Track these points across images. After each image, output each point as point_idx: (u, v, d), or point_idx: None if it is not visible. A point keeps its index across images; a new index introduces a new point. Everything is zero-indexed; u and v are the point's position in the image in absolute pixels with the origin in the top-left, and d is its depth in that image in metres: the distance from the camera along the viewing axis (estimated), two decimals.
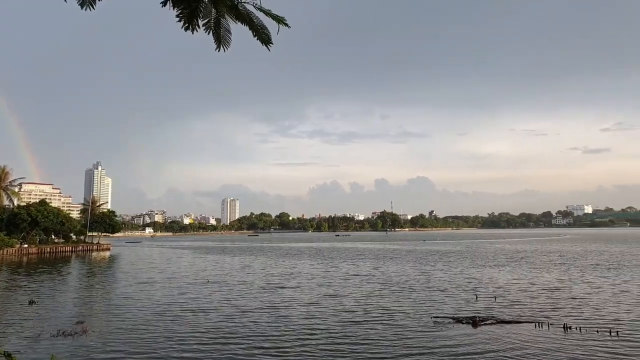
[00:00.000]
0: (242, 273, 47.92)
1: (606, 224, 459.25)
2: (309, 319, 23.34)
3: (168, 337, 19.94)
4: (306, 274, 45.50)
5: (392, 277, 42.20)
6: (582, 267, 50.27)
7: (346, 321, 22.53)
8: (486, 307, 26.11)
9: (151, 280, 41.68)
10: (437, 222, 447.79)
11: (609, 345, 17.84)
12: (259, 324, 22.42)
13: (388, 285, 36.26)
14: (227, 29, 9.39)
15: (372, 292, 32.38)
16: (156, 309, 26.89)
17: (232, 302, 29.08)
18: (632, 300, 27.80)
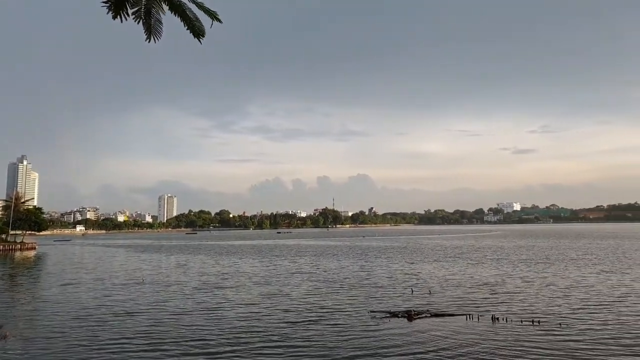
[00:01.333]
0: (178, 272, 46.57)
1: (532, 220, 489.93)
2: (247, 320, 22.66)
3: (91, 343, 18.59)
4: (246, 272, 44.86)
5: (332, 273, 42.62)
6: (512, 261, 53.17)
7: (285, 321, 22.21)
8: (421, 301, 26.93)
9: (78, 282, 39.41)
10: (377, 219, 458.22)
11: (530, 334, 18.93)
12: (193, 327, 21.42)
13: (328, 282, 36.55)
14: (159, 19, 8.99)
15: (312, 289, 32.43)
16: (82, 312, 25.26)
17: (165, 303, 27.78)
18: (556, 292, 29.64)
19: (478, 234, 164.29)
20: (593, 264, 46.89)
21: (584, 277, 36.24)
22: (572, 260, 51.66)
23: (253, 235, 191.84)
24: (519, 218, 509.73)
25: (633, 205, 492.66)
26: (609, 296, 27.31)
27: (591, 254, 61.52)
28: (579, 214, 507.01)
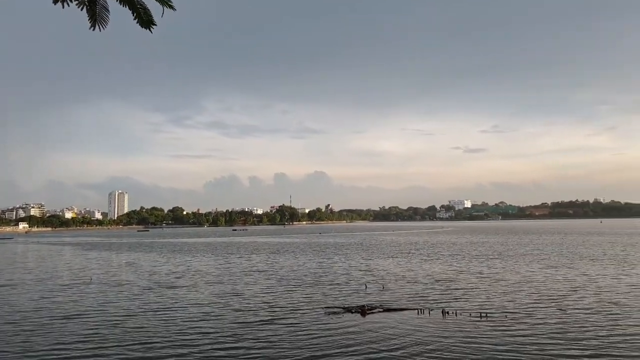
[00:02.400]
0: (128, 271, 45.13)
1: (482, 217, 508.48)
2: (199, 321, 21.87)
3: (25, 350, 17.34)
4: (199, 271, 43.92)
5: (287, 271, 42.53)
6: (464, 257, 54.83)
7: (239, 321, 21.73)
8: (375, 297, 27.35)
9: (16, 282, 37.23)
10: (333, 216, 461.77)
11: (477, 327, 19.60)
12: (140, 329, 20.34)
13: (283, 280, 36.41)
14: (105, 6, 8.60)
15: (267, 288, 32.15)
16: (17, 316, 23.57)
17: (112, 305, 26.45)
18: (505, 287, 30.73)
19: (431, 230, 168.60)
20: (541, 260, 49.00)
21: (532, 272, 37.70)
22: (521, 256, 53.85)
23: (207, 233, 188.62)
24: (470, 215, 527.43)
25: (574, 203, 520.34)
26: (555, 291, 28.44)
27: (539, 249, 64.37)
28: (525, 211, 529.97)
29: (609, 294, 26.92)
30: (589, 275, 35.43)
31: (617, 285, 29.99)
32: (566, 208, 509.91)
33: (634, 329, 18.74)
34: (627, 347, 16.47)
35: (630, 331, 18.47)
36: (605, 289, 28.72)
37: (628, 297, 25.87)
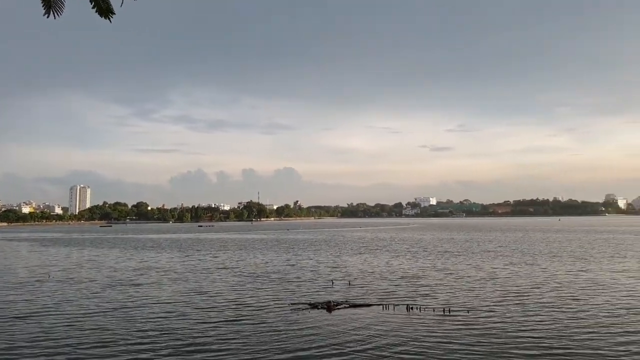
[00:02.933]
0: (88, 268, 43.78)
1: (447, 214, 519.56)
2: (161, 320, 21.03)
3: None
4: (163, 268, 42.98)
5: (254, 268, 42.22)
6: (430, 253, 55.80)
7: (203, 320, 21.12)
8: (341, 292, 27.43)
9: None
10: (302, 212, 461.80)
11: (440, 322, 19.93)
12: (97, 329, 19.36)
13: (250, 277, 36.06)
14: None
15: (233, 285, 31.67)
16: None
17: (68, 304, 25.25)
18: (469, 283, 31.36)
19: (397, 227, 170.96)
20: (504, 256, 50.20)
21: (496, 269, 38.48)
22: (485, 253, 55.15)
23: (172, 229, 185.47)
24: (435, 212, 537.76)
25: (535, 201, 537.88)
26: (517, 287, 29.04)
27: (502, 246, 66.06)
28: (488, 208, 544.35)
29: (568, 289, 27.73)
30: (549, 271, 36.45)
31: (576, 281, 30.95)
32: (527, 206, 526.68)
33: (593, 324, 19.31)
34: (585, 342, 16.98)
35: (589, 326, 19.03)
36: (565, 285, 29.56)
37: (587, 292, 26.71)
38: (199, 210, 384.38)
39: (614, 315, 20.79)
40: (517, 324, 19.37)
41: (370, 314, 21.69)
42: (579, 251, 55.19)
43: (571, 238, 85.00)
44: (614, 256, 48.53)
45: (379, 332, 18.33)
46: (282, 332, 18.61)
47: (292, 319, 20.74)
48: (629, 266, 39.47)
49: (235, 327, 19.64)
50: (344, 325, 19.55)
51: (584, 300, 24.46)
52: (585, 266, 39.58)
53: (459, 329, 18.78)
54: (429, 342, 16.91)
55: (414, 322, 19.87)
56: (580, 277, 33.16)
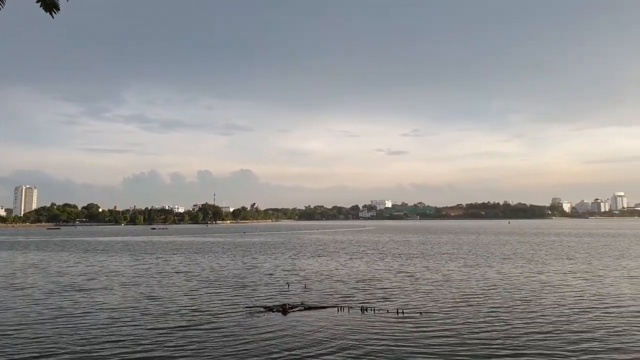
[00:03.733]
0: (33, 273, 41.70)
1: (401, 217, 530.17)
2: (110, 327, 20.05)
3: None
4: (113, 272, 41.48)
5: (209, 272, 41.49)
6: (386, 255, 56.68)
7: (155, 326, 20.43)
8: (298, 295, 27.44)
9: None
10: (259, 215, 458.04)
11: (393, 323, 20.36)
12: (43, 338, 18.38)
13: (205, 281, 35.41)
14: None
15: (187, 290, 30.89)
16: None
17: (11, 310, 23.98)
18: (424, 285, 32.11)
19: (354, 229, 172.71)
20: (458, 258, 51.71)
21: (450, 271, 39.43)
22: (440, 255, 56.64)
23: (124, 231, 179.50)
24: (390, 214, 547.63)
25: (486, 204, 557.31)
26: (471, 289, 29.84)
27: (456, 249, 67.94)
28: (441, 211, 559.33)
29: (519, 291, 28.61)
30: (501, 273, 37.51)
31: (526, 283, 32.01)
32: (479, 209, 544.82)
33: (541, 325, 20.07)
34: (534, 342, 17.68)
35: (538, 326, 19.79)
36: (516, 286, 30.49)
37: (536, 294, 27.70)
38: (152, 213, 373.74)
39: (562, 315, 21.76)
40: (469, 325, 19.97)
41: (325, 316, 21.80)
42: (529, 253, 57.49)
43: (521, 241, 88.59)
44: (562, 258, 50.93)
45: (333, 334, 18.48)
46: (236, 336, 18.40)
47: (247, 323, 20.55)
48: (576, 268, 41.53)
49: (187, 333, 19.16)
50: (298, 327, 19.57)
51: (533, 301, 25.36)
52: (535, 268, 41.23)
53: (411, 330, 19.18)
54: (381, 344, 17.20)
55: (368, 324, 20.15)
56: (530, 278, 34.45)
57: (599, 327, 19.29)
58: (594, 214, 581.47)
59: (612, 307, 23.37)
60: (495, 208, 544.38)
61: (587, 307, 23.58)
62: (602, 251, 59.40)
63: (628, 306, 23.63)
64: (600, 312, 22.40)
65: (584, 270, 38.86)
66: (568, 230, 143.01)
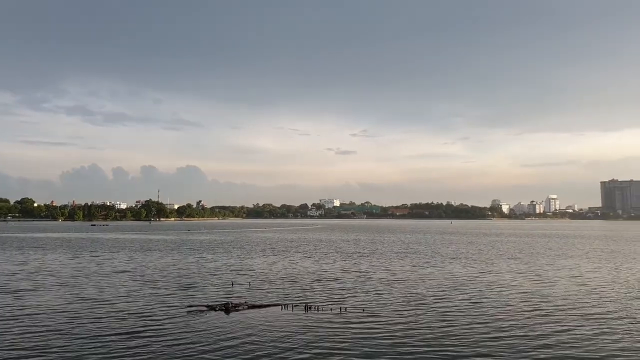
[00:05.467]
0: None
1: (349, 215, 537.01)
2: (45, 331, 18.91)
3: None
4: (47, 272, 39.10)
5: (151, 271, 40.22)
6: (335, 254, 57.13)
7: (94, 328, 19.39)
8: (242, 294, 27.20)
9: None
10: (205, 212, 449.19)
11: (336, 320, 20.65)
12: None
13: (146, 280, 34.22)
14: None
15: (126, 290, 29.56)
16: None
17: None
18: (369, 282, 32.69)
19: (302, 228, 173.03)
20: (404, 257, 52.95)
21: (395, 269, 40.37)
22: (386, 254, 57.97)
23: (61, 228, 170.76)
24: (338, 213, 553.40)
25: (430, 205, 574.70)
26: (414, 286, 30.59)
27: (404, 248, 69.49)
28: (387, 210, 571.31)
29: (465, 289, 29.43)
30: (448, 272, 38.58)
31: (472, 281, 33.02)
32: (423, 209, 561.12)
33: (488, 323, 20.59)
34: (479, 340, 18.28)
35: (485, 325, 20.32)
36: (462, 285, 31.44)
37: (484, 292, 28.58)
38: (92, 208, 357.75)
39: (505, 312, 22.71)
40: (412, 322, 20.47)
41: (268, 314, 21.74)
42: (473, 253, 59.92)
43: (465, 240, 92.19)
44: (504, 257, 53.39)
45: (274, 333, 18.49)
46: (175, 338, 17.94)
47: (188, 323, 20.11)
48: (519, 266, 43.69)
49: (123, 337, 18.14)
50: (240, 326, 19.43)
51: (477, 299, 26.25)
52: (479, 267, 42.90)
53: (352, 328, 19.50)
54: (321, 341, 17.41)
55: (310, 322, 20.31)
56: (474, 277, 35.76)
57: (538, 323, 20.27)
58: (529, 215, 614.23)
59: (553, 304, 24.63)
60: (438, 208, 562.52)
61: (527, 302, 24.87)
62: (540, 251, 62.69)
63: (568, 303, 25.05)
64: (537, 306, 23.66)
65: (525, 269, 40.62)
66: (508, 231, 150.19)
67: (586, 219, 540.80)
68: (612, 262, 46.81)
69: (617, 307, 23.92)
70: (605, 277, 35.50)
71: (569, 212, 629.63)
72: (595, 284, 31.57)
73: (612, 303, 24.88)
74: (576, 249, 66.36)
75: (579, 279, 34.45)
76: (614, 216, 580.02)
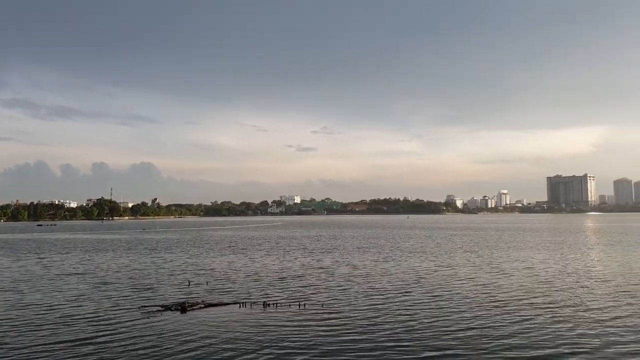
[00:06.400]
0: None
1: (309, 212, 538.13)
2: None
3: None
4: None
5: (102, 272, 38.60)
6: (295, 251, 56.81)
7: (36, 337, 17.97)
8: (199, 293, 26.51)
9: None
10: (161, 210, 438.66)
11: (295, 316, 20.42)
12: None
13: (98, 282, 32.65)
14: None
15: (75, 294, 27.93)
16: None
17: None
18: (329, 278, 32.50)
19: (262, 225, 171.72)
20: (365, 252, 53.30)
21: (357, 264, 40.55)
22: (349, 249, 58.09)
23: (3, 229, 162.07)
24: (299, 210, 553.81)
25: (388, 200, 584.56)
26: (374, 281, 30.64)
27: (364, 242, 70.13)
28: (347, 206, 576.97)
29: (424, 282, 29.67)
30: (407, 266, 38.89)
31: (431, 275, 33.34)
32: (381, 205, 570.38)
33: (449, 315, 20.63)
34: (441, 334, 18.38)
35: (446, 317, 20.32)
36: (422, 278, 31.64)
37: (447, 285, 28.82)
38: (38, 207, 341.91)
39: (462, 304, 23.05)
40: (370, 317, 20.40)
41: (226, 313, 21.22)
42: (431, 246, 61.08)
43: (423, 235, 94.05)
44: (461, 250, 54.66)
45: (232, 331, 18.06)
46: (129, 340, 17.10)
47: (142, 324, 19.30)
48: (476, 259, 44.73)
49: (73, 343, 16.98)
50: (197, 325, 18.86)
51: (437, 292, 26.50)
52: (438, 260, 43.61)
53: (310, 323, 19.30)
54: (279, 338, 17.12)
55: (269, 319, 19.98)
56: (433, 270, 36.28)
57: (497, 314, 20.59)
58: (482, 209, 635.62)
59: (509, 295, 25.26)
60: (396, 204, 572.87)
61: (484, 294, 25.38)
62: (494, 244, 64.54)
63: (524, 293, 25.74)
64: (495, 297, 24.22)
65: (481, 262, 41.43)
66: (462, 225, 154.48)
67: (534, 213, 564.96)
68: (560, 253, 48.81)
69: (568, 295, 24.81)
70: (555, 267, 36.85)
71: (518, 207, 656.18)
72: (548, 275, 32.63)
73: (564, 292, 25.79)
74: (527, 241, 68.85)
75: (532, 270, 35.50)
76: (558, 210, 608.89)
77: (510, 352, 15.27)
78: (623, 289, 26.29)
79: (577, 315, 20.16)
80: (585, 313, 20.58)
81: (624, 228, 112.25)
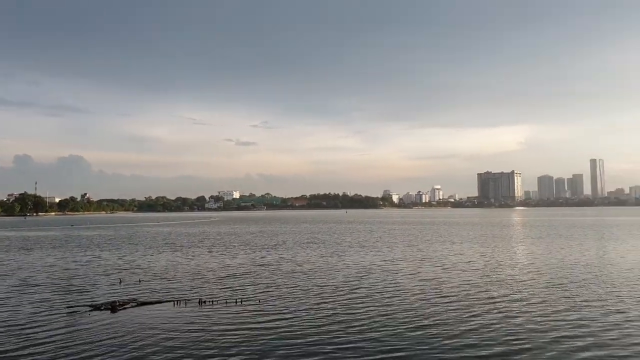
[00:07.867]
0: None
1: (249, 207, 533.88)
2: None
3: None
4: None
5: (25, 272, 36.26)
6: (234, 247, 56.11)
7: None
8: (130, 291, 25.69)
9: None
10: (91, 206, 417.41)
11: (232, 313, 20.35)
12: None
13: (18, 283, 30.69)
14: None
15: None
16: None
17: None
18: (270, 275, 32.50)
19: (200, 221, 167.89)
20: (305, 247, 53.73)
21: (297, 259, 40.71)
22: (294, 244, 58.00)
23: None
24: (238, 205, 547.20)
25: (328, 195, 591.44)
26: (314, 277, 30.71)
27: (305, 238, 70.46)
28: (287, 202, 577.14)
29: (369, 277, 29.93)
30: (350, 261, 39.11)
31: (376, 269, 33.68)
32: (321, 200, 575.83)
33: (392, 312, 20.61)
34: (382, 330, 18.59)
35: (389, 314, 20.28)
36: (363, 273, 31.99)
37: (389, 280, 29.19)
38: None
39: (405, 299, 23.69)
40: (309, 313, 20.43)
41: (159, 311, 20.75)
42: (371, 241, 62.30)
43: (361, 229, 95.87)
44: (400, 244, 56.30)
45: (165, 329, 17.72)
46: (55, 343, 16.26)
47: (70, 326, 18.42)
48: (414, 254, 46.19)
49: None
50: (128, 325, 18.33)
51: (377, 285, 27.03)
52: (379, 255, 44.42)
53: (247, 319, 19.30)
54: (214, 334, 17.03)
55: (206, 316, 19.78)
56: (374, 265, 36.94)
57: (442, 310, 20.96)
58: (417, 204, 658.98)
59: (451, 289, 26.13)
60: (335, 199, 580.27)
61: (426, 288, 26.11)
62: (432, 238, 66.78)
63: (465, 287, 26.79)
64: (438, 292, 25.16)
65: (422, 256, 42.26)
66: (400, 219, 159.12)
67: (465, 207, 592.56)
68: (496, 246, 51.20)
69: (508, 288, 25.48)
70: (494, 260, 38.08)
71: (451, 202, 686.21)
72: (487, 269, 33.16)
73: (504, 284, 26.59)
74: (462, 235, 71.79)
75: (472, 263, 36.43)
76: (488, 204, 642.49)
77: (458, 346, 15.77)
78: (559, 282, 26.99)
79: (522, 309, 20.33)
80: (530, 307, 20.67)
81: (549, 222, 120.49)
